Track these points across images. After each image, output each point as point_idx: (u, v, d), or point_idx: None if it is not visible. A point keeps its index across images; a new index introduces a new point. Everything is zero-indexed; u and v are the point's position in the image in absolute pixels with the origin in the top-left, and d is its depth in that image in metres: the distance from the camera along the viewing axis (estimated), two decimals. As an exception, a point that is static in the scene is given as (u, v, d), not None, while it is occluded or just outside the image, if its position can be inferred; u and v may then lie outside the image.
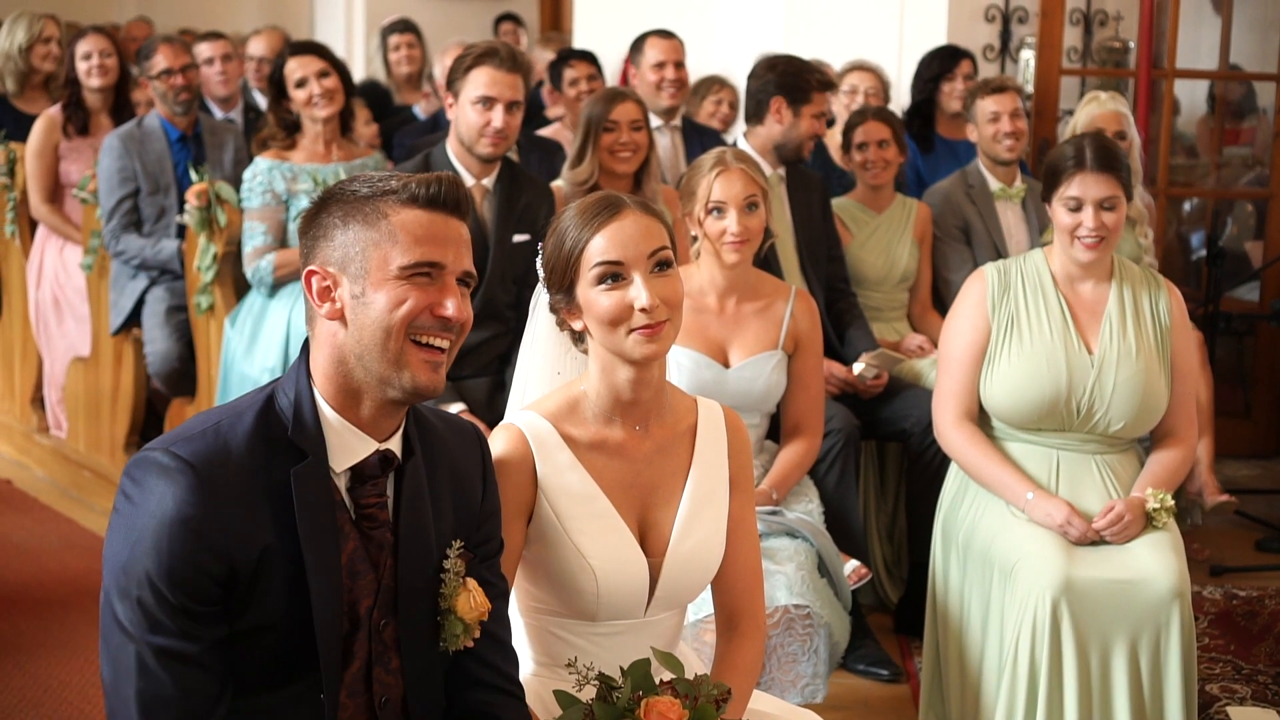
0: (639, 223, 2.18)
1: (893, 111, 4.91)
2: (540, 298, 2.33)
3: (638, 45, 5.33)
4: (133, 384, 5.03)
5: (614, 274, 2.16)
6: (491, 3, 9.89)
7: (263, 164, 4.43)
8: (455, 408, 3.76)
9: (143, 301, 4.95)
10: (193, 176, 4.65)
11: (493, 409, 3.75)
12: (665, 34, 5.32)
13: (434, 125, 5.71)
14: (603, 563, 2.20)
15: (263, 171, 4.41)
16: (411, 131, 5.76)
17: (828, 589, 3.30)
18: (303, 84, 4.42)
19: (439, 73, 6.02)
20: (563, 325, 2.29)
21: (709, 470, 2.31)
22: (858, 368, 4.08)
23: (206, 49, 5.83)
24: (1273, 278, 5.69)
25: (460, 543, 1.98)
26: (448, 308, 1.87)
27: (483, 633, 2.01)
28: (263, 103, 5.61)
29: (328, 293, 1.88)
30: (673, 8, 6.25)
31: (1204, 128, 6.99)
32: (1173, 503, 3.18)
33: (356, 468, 1.90)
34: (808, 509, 3.48)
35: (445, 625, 1.96)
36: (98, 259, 5.12)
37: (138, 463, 1.81)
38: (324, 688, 1.86)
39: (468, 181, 3.87)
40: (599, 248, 2.16)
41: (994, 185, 4.68)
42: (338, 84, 4.46)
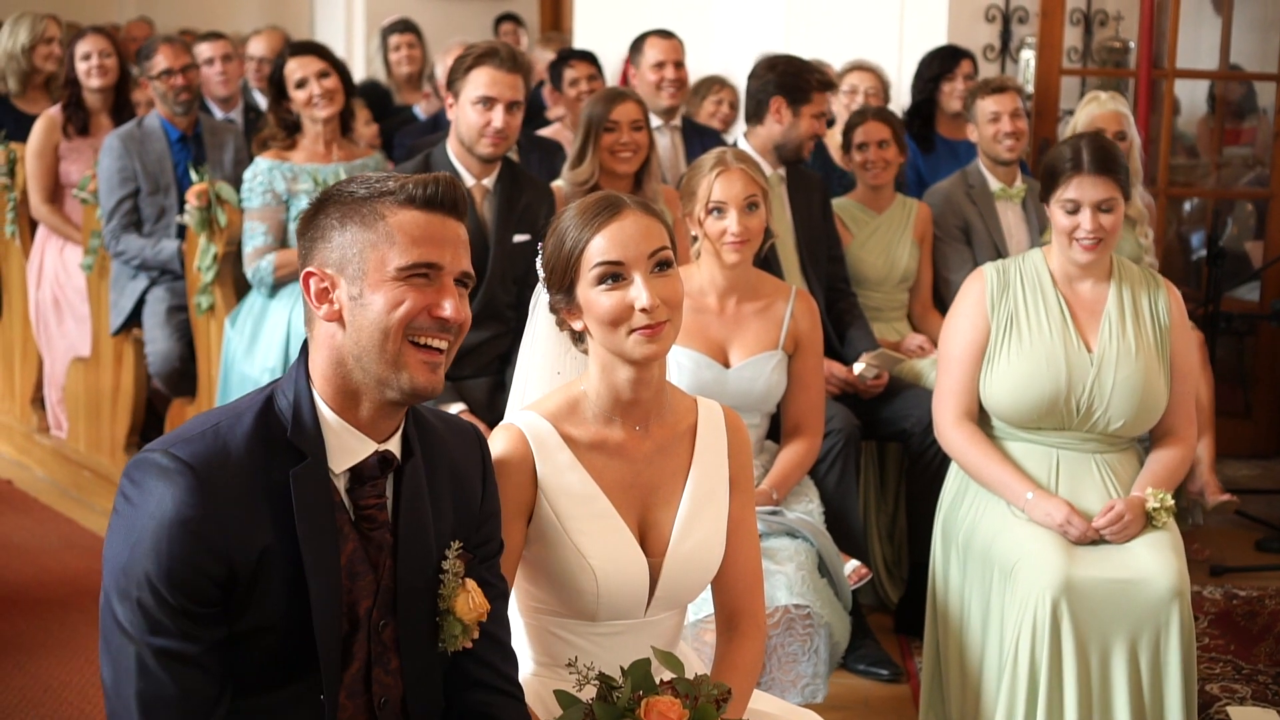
0: (639, 223, 2.18)
1: (893, 111, 4.91)
2: (540, 298, 2.33)
3: (637, 45, 5.33)
4: (133, 384, 5.03)
5: (614, 274, 2.16)
6: (492, 3, 9.89)
7: (263, 164, 4.43)
8: (455, 408, 3.76)
9: (143, 301, 4.95)
10: (193, 177, 4.65)
11: (493, 409, 3.75)
12: (665, 34, 5.32)
13: (434, 125, 5.71)
14: (603, 563, 2.20)
15: (263, 171, 4.41)
16: (412, 132, 5.76)
17: (828, 589, 3.30)
18: (303, 84, 4.42)
19: (440, 73, 6.02)
20: (563, 325, 2.28)
21: (709, 470, 2.31)
22: (858, 368, 4.08)
23: (207, 49, 5.83)
24: (1273, 278, 5.69)
25: (459, 543, 1.98)
26: (445, 309, 1.86)
27: (482, 633, 2.01)
28: (263, 103, 5.61)
29: (325, 294, 1.88)
30: (673, 8, 6.25)
31: (1204, 128, 6.98)
32: (1173, 502, 3.18)
33: (356, 469, 1.90)
34: (808, 509, 3.48)
35: (444, 626, 1.96)
36: (98, 259, 5.12)
37: (137, 464, 1.81)
38: (324, 688, 1.86)
39: (468, 181, 3.87)
40: (599, 248, 2.16)
41: (994, 185, 4.68)
42: (338, 84, 4.46)
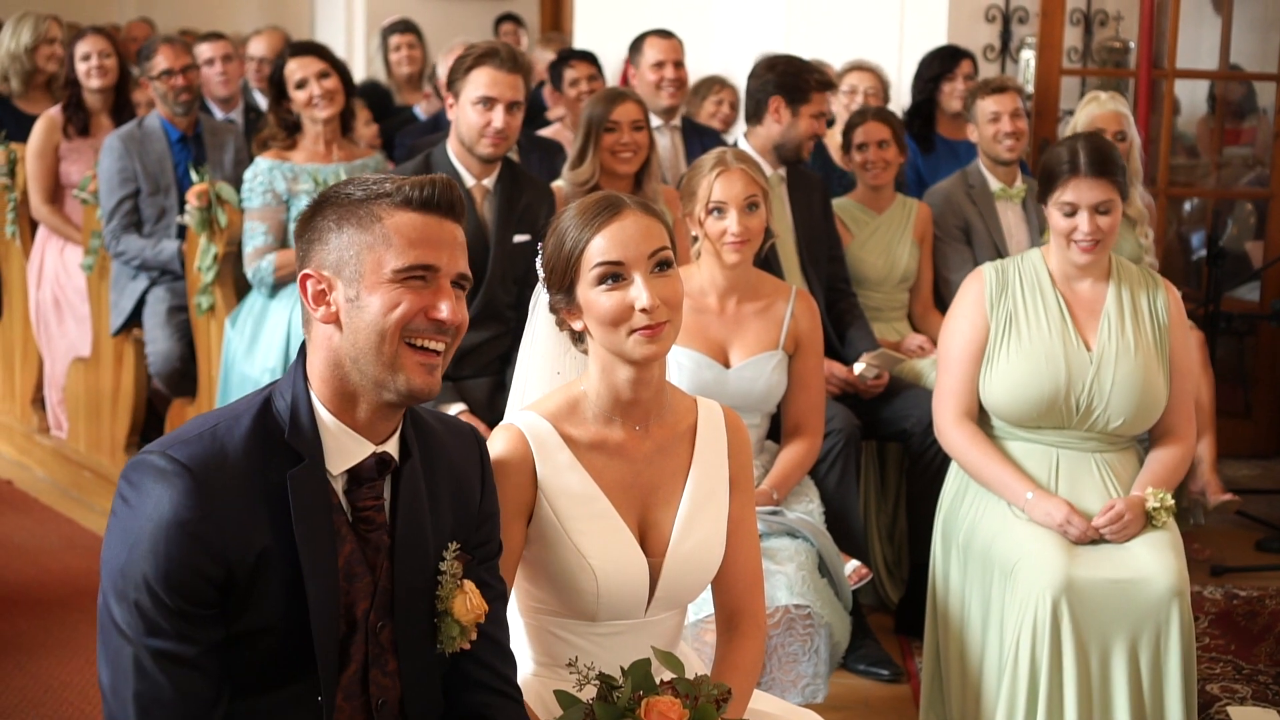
0: (639, 223, 2.18)
1: (893, 112, 4.91)
2: (540, 298, 2.33)
3: (637, 45, 5.33)
4: (133, 384, 5.03)
5: (614, 274, 2.16)
6: (492, 3, 9.89)
7: (263, 164, 4.43)
8: (456, 408, 3.76)
9: (143, 302, 4.95)
10: (193, 177, 4.65)
11: (493, 409, 3.75)
12: (664, 34, 5.32)
13: (435, 125, 5.70)
14: (603, 563, 2.20)
15: (263, 172, 4.41)
16: (412, 132, 5.76)
17: (828, 589, 3.30)
18: (303, 85, 4.42)
19: (442, 73, 6.02)
20: (562, 325, 2.28)
21: (709, 470, 2.31)
22: (858, 368, 4.08)
23: (207, 49, 5.83)
24: (1273, 278, 5.69)
25: (457, 545, 1.98)
26: (442, 310, 1.86)
27: (481, 635, 2.01)
28: (263, 103, 5.61)
29: (323, 296, 1.87)
30: (673, 8, 6.26)
31: (1204, 128, 6.98)
32: (1173, 502, 3.18)
33: (353, 470, 1.90)
34: (808, 509, 3.48)
35: (442, 627, 1.96)
36: (98, 259, 5.12)
37: (135, 466, 1.81)
38: (321, 690, 1.85)
39: (468, 182, 3.87)
40: (599, 248, 2.16)
41: (994, 185, 4.68)
42: (338, 85, 4.46)
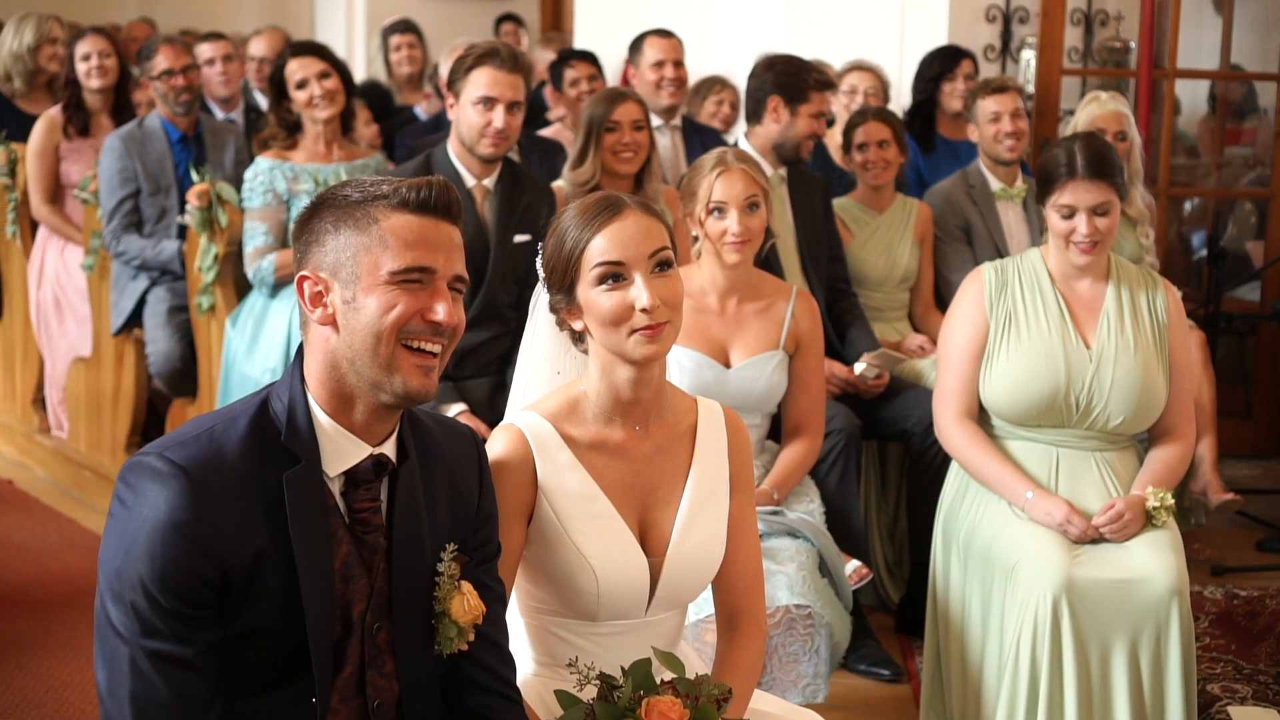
0: (639, 223, 2.18)
1: (893, 112, 4.91)
2: (540, 298, 2.33)
3: (636, 45, 5.33)
4: (134, 384, 5.04)
5: (615, 274, 2.16)
6: (492, 3, 9.89)
7: (264, 164, 4.43)
8: (456, 408, 3.76)
9: (144, 302, 4.95)
10: (194, 177, 4.65)
11: (494, 409, 3.75)
12: (664, 33, 5.32)
13: (435, 126, 5.70)
14: (603, 563, 2.20)
15: (264, 171, 4.41)
16: (413, 132, 5.76)
17: (829, 589, 3.30)
18: (303, 85, 4.42)
19: (444, 73, 6.02)
20: (563, 325, 2.28)
21: (709, 470, 2.31)
22: (859, 368, 4.08)
23: (207, 49, 5.83)
24: (1274, 278, 5.69)
25: (454, 546, 1.98)
26: (438, 312, 1.86)
27: (480, 636, 2.01)
28: (264, 103, 5.61)
29: (319, 298, 1.87)
30: (673, 8, 6.26)
31: (1205, 128, 6.98)
32: (1173, 502, 3.18)
33: (350, 472, 1.90)
34: (809, 509, 3.48)
35: (440, 628, 1.96)
36: (99, 259, 5.12)
37: (131, 467, 1.81)
38: (315, 691, 1.85)
39: (469, 182, 3.87)
40: (600, 248, 2.16)
41: (995, 185, 4.68)
42: (338, 85, 4.46)
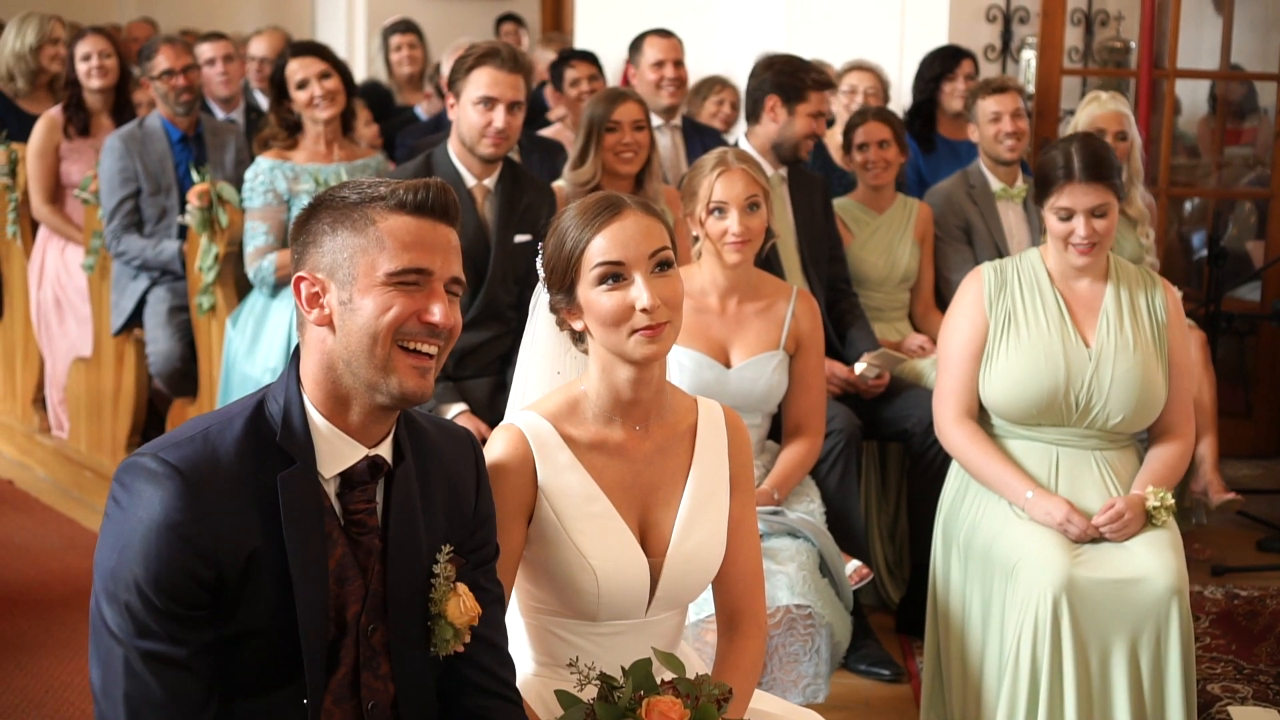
0: (640, 223, 2.18)
1: (893, 112, 4.91)
2: (540, 298, 2.33)
3: (636, 45, 5.33)
4: (134, 384, 5.04)
5: (615, 274, 2.16)
6: (493, 3, 9.89)
7: (264, 164, 4.43)
8: (457, 408, 3.76)
9: (144, 302, 4.95)
10: (194, 177, 4.65)
11: (494, 409, 3.75)
12: (664, 33, 5.32)
13: (436, 126, 5.70)
14: (603, 563, 2.20)
15: (264, 171, 4.41)
16: (414, 132, 5.76)
17: (829, 589, 3.30)
18: (304, 85, 4.42)
19: (446, 72, 6.02)
20: (563, 325, 2.28)
21: (709, 470, 2.31)
22: (859, 367, 4.08)
23: (208, 49, 5.83)
24: (1274, 278, 5.69)
25: (450, 548, 1.98)
26: (434, 314, 1.86)
27: (479, 638, 2.01)
28: (264, 103, 5.61)
29: (316, 299, 1.87)
30: (673, 8, 6.26)
31: (1205, 128, 6.98)
32: (1173, 501, 3.18)
33: (345, 473, 1.89)
34: (809, 509, 3.48)
35: (435, 630, 1.96)
36: (99, 259, 5.12)
37: (127, 468, 1.81)
38: (307, 693, 1.85)
39: (469, 182, 3.87)
40: (600, 248, 2.16)
41: (995, 185, 4.69)
42: (339, 85, 4.45)
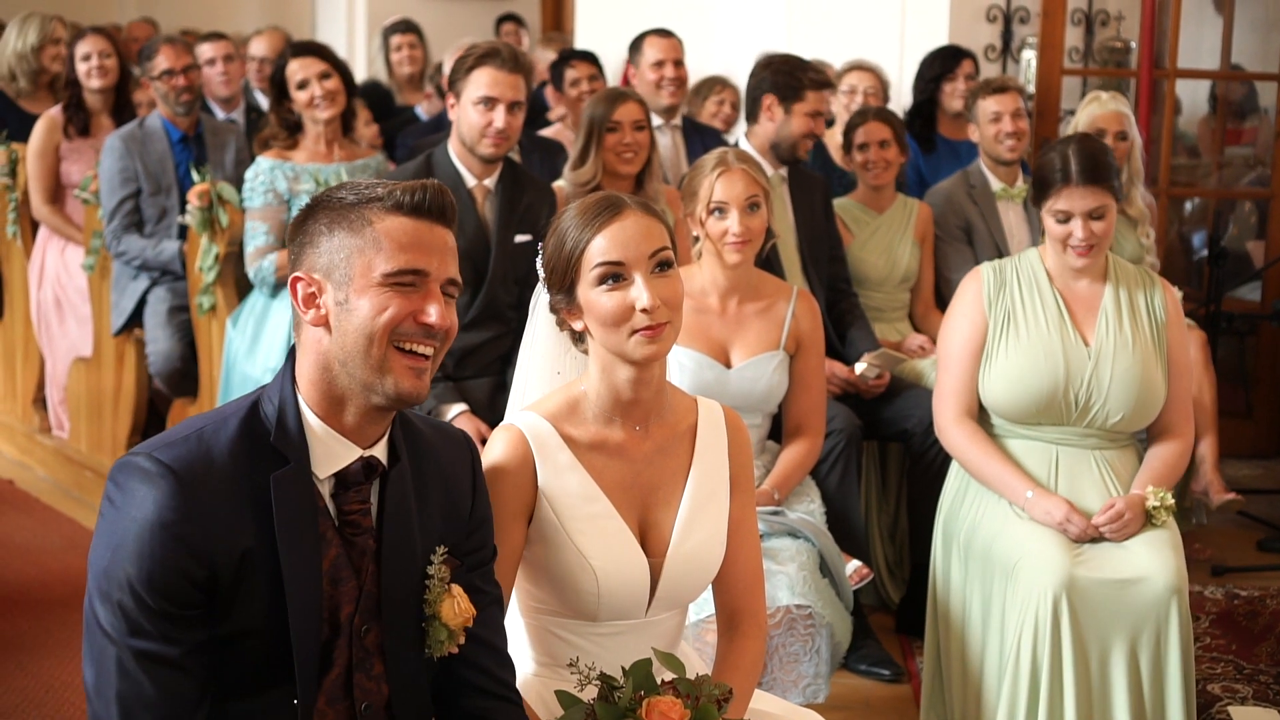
0: (640, 223, 2.18)
1: (893, 112, 4.91)
2: (540, 298, 2.33)
3: (636, 45, 5.33)
4: (134, 384, 5.04)
5: (615, 274, 2.16)
6: (493, 3, 9.89)
7: (265, 164, 4.43)
8: (457, 408, 3.76)
9: (144, 302, 4.95)
10: (194, 177, 4.65)
11: (494, 410, 3.75)
12: (664, 33, 5.32)
13: (436, 126, 5.70)
14: (603, 563, 2.20)
15: (265, 171, 4.41)
16: (414, 132, 5.76)
17: (829, 589, 3.30)
18: (304, 85, 4.42)
19: (447, 72, 6.02)
20: (563, 325, 2.28)
21: (709, 470, 2.31)
22: (859, 368, 4.08)
23: (208, 49, 5.83)
24: (1274, 278, 5.69)
25: (444, 549, 1.98)
26: (431, 315, 1.86)
27: (477, 639, 2.00)
28: (264, 103, 5.61)
29: (312, 299, 1.88)
30: (673, 8, 6.26)
31: (1205, 128, 6.98)
32: (1173, 501, 3.18)
33: (340, 474, 1.89)
34: (809, 509, 3.48)
35: (430, 631, 1.96)
36: (99, 259, 5.12)
37: (121, 467, 1.81)
38: (299, 694, 1.85)
39: (469, 182, 3.87)
40: (600, 248, 2.16)
41: (995, 185, 4.68)
42: (339, 85, 4.46)
